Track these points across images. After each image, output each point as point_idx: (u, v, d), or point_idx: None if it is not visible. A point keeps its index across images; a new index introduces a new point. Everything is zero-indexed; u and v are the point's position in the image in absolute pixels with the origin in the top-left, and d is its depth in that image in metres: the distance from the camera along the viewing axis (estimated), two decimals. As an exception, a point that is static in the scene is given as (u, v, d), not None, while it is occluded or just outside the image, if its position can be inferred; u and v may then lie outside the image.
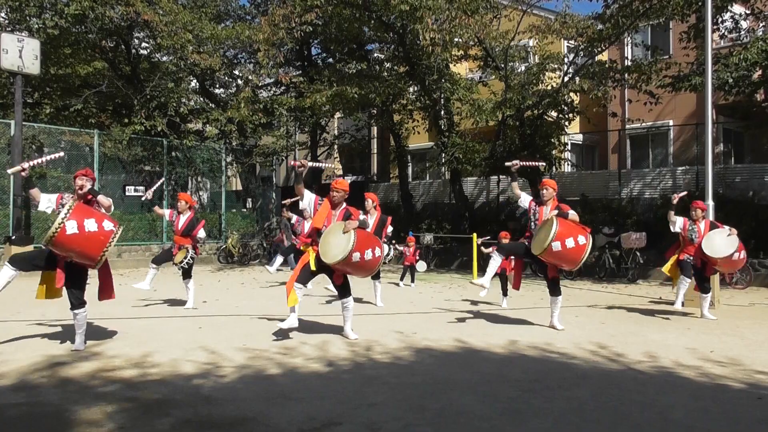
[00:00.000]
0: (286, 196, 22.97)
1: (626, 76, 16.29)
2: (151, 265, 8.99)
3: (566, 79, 16.65)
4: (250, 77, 19.06)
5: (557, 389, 4.77)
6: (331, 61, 21.26)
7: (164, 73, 17.71)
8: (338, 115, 22.18)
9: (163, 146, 18.71)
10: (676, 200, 8.64)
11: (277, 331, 6.63)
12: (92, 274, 6.27)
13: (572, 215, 7.12)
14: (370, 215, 8.73)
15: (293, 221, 11.60)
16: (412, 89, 18.77)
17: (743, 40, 15.72)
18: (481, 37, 16.07)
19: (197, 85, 20.09)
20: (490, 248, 9.93)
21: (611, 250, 14.49)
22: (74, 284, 5.89)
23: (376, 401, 4.39)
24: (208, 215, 18.62)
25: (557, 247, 6.86)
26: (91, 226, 5.54)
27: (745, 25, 16.40)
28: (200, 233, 8.72)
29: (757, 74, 14.15)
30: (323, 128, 23.54)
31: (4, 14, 16.61)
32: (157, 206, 9.30)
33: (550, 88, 16.74)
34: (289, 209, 11.57)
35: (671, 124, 19.62)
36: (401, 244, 12.74)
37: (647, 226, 15.15)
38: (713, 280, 8.83)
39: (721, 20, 15.53)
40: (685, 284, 8.41)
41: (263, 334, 6.86)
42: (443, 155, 17.91)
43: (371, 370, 5.35)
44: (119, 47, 18.73)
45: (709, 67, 10.42)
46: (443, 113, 18.02)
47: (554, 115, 17.49)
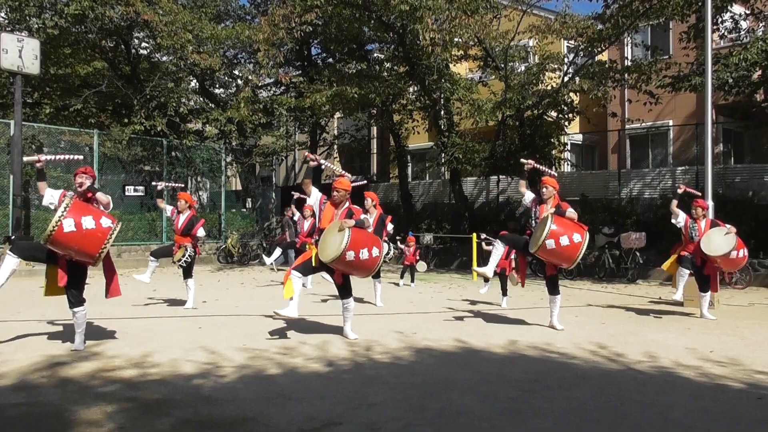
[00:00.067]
0: (285, 196, 23.01)
1: (626, 76, 16.30)
2: (150, 257, 9.08)
3: (566, 79, 16.65)
4: (250, 77, 19.05)
5: (557, 389, 4.76)
6: (331, 61, 21.26)
7: (164, 73, 17.72)
8: (338, 115, 22.18)
9: (162, 146, 18.71)
10: (682, 190, 8.66)
11: (273, 314, 6.43)
12: (93, 273, 6.28)
13: (569, 213, 7.13)
14: (369, 214, 8.77)
15: (296, 218, 11.63)
16: (412, 89, 18.77)
17: (743, 40, 15.72)
18: (481, 37, 16.07)
19: (197, 85, 20.10)
20: (490, 246, 9.94)
21: (611, 250, 14.50)
22: (74, 283, 5.88)
23: (376, 401, 4.39)
24: (207, 215, 18.61)
25: (551, 244, 6.88)
26: (88, 223, 5.53)
27: (744, 25, 16.40)
28: (200, 232, 8.74)
29: (756, 74, 14.15)
30: (323, 128, 23.54)
31: (4, 14, 16.61)
32: (160, 199, 9.39)
33: (550, 88, 16.75)
34: (295, 205, 11.60)
35: (671, 124, 19.62)
36: (402, 243, 12.75)
37: (647, 226, 15.16)
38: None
39: (721, 20, 15.53)
40: (683, 276, 8.40)
41: (263, 334, 6.86)
42: (443, 155, 17.90)
43: (371, 370, 5.35)
44: (119, 47, 18.74)
45: (709, 67, 10.43)
46: (443, 113, 18.02)
47: (554, 115, 17.49)
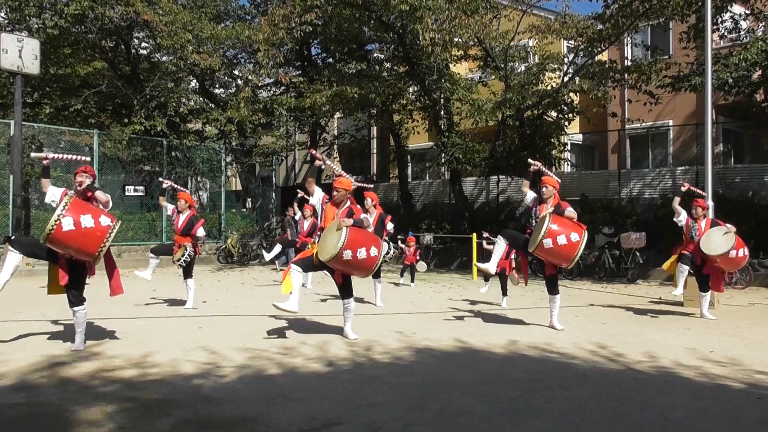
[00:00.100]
0: (285, 196, 23.05)
1: (626, 76, 16.30)
2: (150, 254, 9.19)
3: (566, 79, 16.65)
4: (249, 77, 19.05)
5: (557, 389, 4.76)
6: (331, 61, 21.25)
7: (164, 73, 17.71)
8: (338, 115, 22.17)
9: (162, 146, 18.71)
10: (686, 188, 8.66)
11: (273, 306, 6.38)
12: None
13: (568, 213, 7.14)
14: (369, 214, 8.77)
15: (296, 218, 11.65)
16: (412, 89, 18.77)
17: (743, 40, 15.72)
18: (481, 37, 16.07)
19: (197, 85, 20.09)
20: (491, 245, 9.95)
21: (611, 250, 14.50)
22: (74, 282, 5.89)
23: (376, 401, 4.39)
24: (207, 215, 18.61)
25: (549, 244, 6.90)
26: (87, 222, 5.52)
27: (744, 25, 16.40)
28: (200, 232, 8.76)
29: (756, 74, 14.15)
30: (323, 128, 23.53)
31: (3, 14, 16.60)
32: (162, 197, 9.47)
33: (549, 88, 16.75)
34: (297, 205, 11.62)
35: (671, 124, 19.62)
36: (402, 243, 12.75)
37: (647, 226, 15.16)
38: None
39: (720, 20, 15.53)
40: (682, 271, 8.38)
41: (263, 334, 6.87)
42: (443, 155, 17.90)
43: (371, 370, 5.35)
44: (119, 47, 18.73)
45: (708, 67, 10.43)
46: (443, 113, 18.01)
47: (554, 115, 17.49)
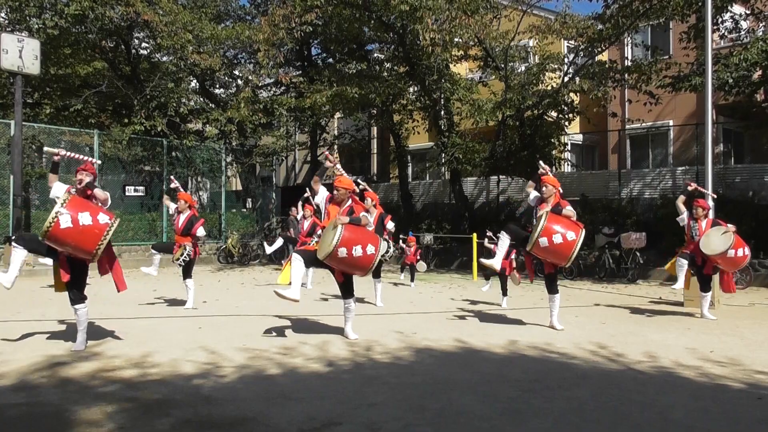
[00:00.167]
0: (285, 196, 23.08)
1: (626, 76, 16.29)
2: (152, 250, 9.42)
3: (566, 79, 16.65)
4: (250, 77, 19.05)
5: (557, 389, 4.76)
6: (331, 61, 21.25)
7: (164, 73, 17.71)
8: (338, 115, 22.17)
9: (163, 146, 18.70)
10: (692, 188, 8.67)
11: (275, 292, 6.32)
12: (93, 273, 6.28)
13: (566, 211, 7.14)
14: (369, 214, 8.76)
15: (298, 218, 11.70)
16: (412, 89, 18.76)
17: (743, 40, 15.71)
18: (481, 37, 16.07)
19: (197, 85, 20.09)
20: (492, 245, 9.98)
21: (611, 250, 14.50)
22: (75, 280, 5.89)
23: (376, 401, 4.39)
24: (208, 215, 18.61)
25: (544, 242, 6.92)
26: (85, 219, 5.52)
27: (745, 25, 16.40)
28: (200, 231, 8.77)
29: (757, 74, 14.14)
30: (323, 128, 23.54)
31: (4, 14, 16.61)
32: (166, 196, 9.56)
33: (550, 88, 16.74)
34: (301, 204, 11.66)
35: (671, 124, 19.61)
36: (403, 243, 12.76)
37: (647, 226, 15.15)
38: (713, 280, 8.82)
39: (721, 20, 15.52)
40: (682, 266, 8.36)
41: (263, 334, 6.87)
42: (443, 155, 17.90)
43: (371, 370, 5.35)
44: (119, 47, 18.73)
45: (709, 67, 10.42)
46: (443, 113, 18.01)
47: (554, 115, 17.49)
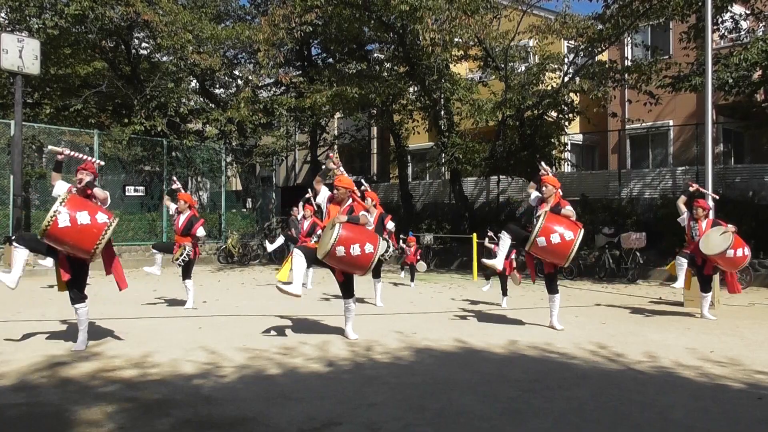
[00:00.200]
0: (285, 196, 23.08)
1: (626, 76, 16.29)
2: (153, 250, 9.53)
3: (566, 79, 16.64)
4: (250, 77, 19.05)
5: (557, 389, 4.76)
6: (331, 61, 21.26)
7: (164, 73, 17.71)
8: (338, 115, 22.17)
9: (163, 146, 18.70)
10: (694, 188, 8.68)
11: (277, 287, 6.32)
12: (93, 273, 6.28)
13: (565, 211, 7.15)
14: (369, 214, 8.76)
15: (299, 218, 11.71)
16: (412, 89, 18.76)
17: (743, 40, 15.71)
18: (481, 37, 16.06)
19: (197, 85, 20.09)
20: (492, 244, 9.99)
21: (611, 250, 14.49)
22: (75, 279, 5.90)
23: (376, 401, 4.39)
24: (208, 215, 18.62)
25: (542, 242, 6.94)
26: (83, 218, 5.51)
27: (745, 25, 16.40)
28: (199, 232, 8.77)
29: (757, 74, 14.14)
30: (323, 128, 23.54)
31: (4, 14, 16.61)
32: (167, 197, 9.61)
33: (550, 88, 16.74)
34: (302, 204, 11.68)
35: (671, 124, 19.61)
36: (403, 243, 12.76)
37: (647, 226, 15.15)
38: (714, 280, 8.83)
39: (721, 20, 15.52)
40: (681, 265, 8.36)
41: (263, 334, 6.87)
42: (443, 155, 17.90)
43: (371, 370, 5.35)
44: (119, 47, 18.73)
45: (709, 67, 10.41)
46: (443, 113, 18.01)
47: (554, 115, 17.48)
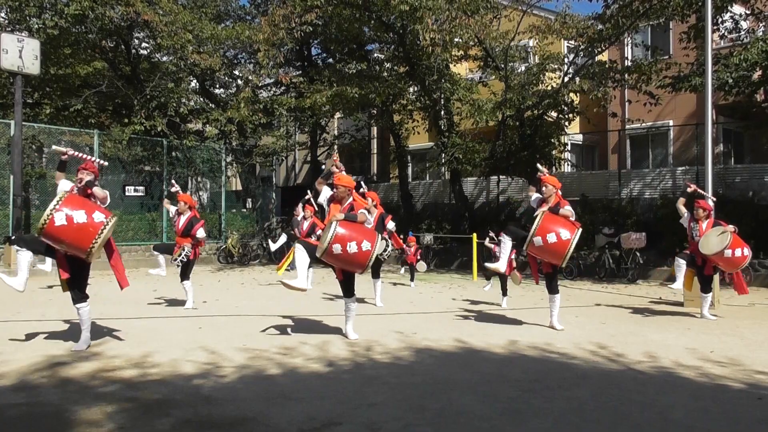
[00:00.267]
0: (286, 196, 23.08)
1: (626, 76, 16.28)
2: (154, 252, 9.58)
3: (566, 79, 16.64)
4: (250, 77, 19.05)
5: (557, 389, 4.76)
6: (331, 61, 21.25)
7: (164, 73, 17.71)
8: (338, 115, 22.17)
9: (163, 146, 18.70)
10: (692, 189, 8.68)
11: (281, 282, 6.35)
12: (93, 274, 6.28)
13: (563, 211, 7.16)
14: (370, 213, 8.76)
15: (299, 218, 11.72)
16: (412, 89, 18.76)
17: (743, 40, 15.71)
18: (481, 37, 16.06)
19: (197, 85, 20.08)
20: (492, 244, 10.00)
21: (611, 250, 14.49)
22: (75, 279, 5.89)
23: (376, 401, 4.39)
24: (208, 215, 18.61)
25: (539, 242, 6.96)
26: (80, 217, 5.51)
27: (745, 25, 16.39)
28: (199, 233, 8.77)
29: (757, 74, 14.14)
30: (323, 128, 23.53)
31: (4, 14, 16.61)
32: (166, 200, 9.63)
33: (550, 88, 16.74)
34: (302, 205, 11.68)
35: (671, 124, 19.61)
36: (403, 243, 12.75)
37: (647, 226, 15.15)
38: (714, 280, 8.82)
39: (721, 20, 15.52)
40: (680, 266, 8.37)
41: (263, 334, 6.87)
42: (443, 155, 17.90)
43: (371, 370, 5.35)
44: (119, 47, 18.72)
45: (709, 67, 10.41)
46: (443, 113, 18.01)
47: (554, 115, 17.48)
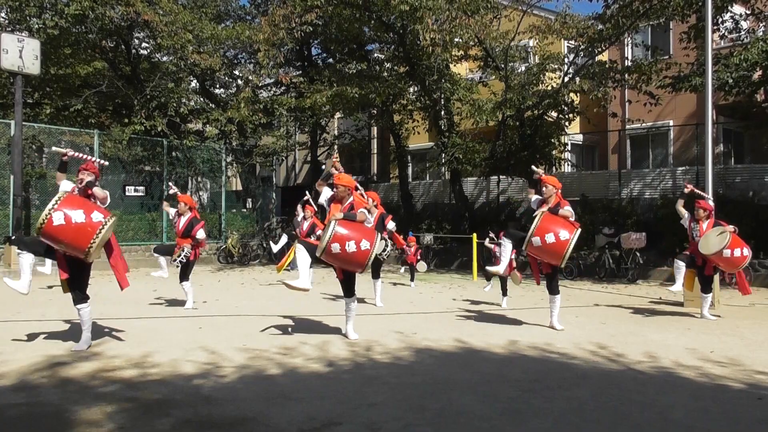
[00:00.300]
0: (286, 196, 23.07)
1: (626, 76, 16.28)
2: (154, 254, 9.59)
3: (566, 79, 16.64)
4: (250, 77, 19.06)
5: (557, 389, 4.76)
6: (331, 61, 21.26)
7: (164, 73, 17.71)
8: (338, 115, 22.17)
9: (163, 146, 18.70)
10: (688, 190, 8.68)
11: (283, 283, 6.32)
12: (93, 274, 6.28)
13: (563, 211, 7.15)
14: (370, 213, 8.76)
15: (299, 219, 11.72)
16: (412, 89, 18.76)
17: (743, 40, 15.71)
18: (481, 37, 16.07)
19: (197, 85, 20.09)
20: (492, 244, 10.00)
21: (611, 250, 14.49)
22: (75, 279, 5.89)
23: (376, 401, 4.39)
24: (208, 215, 18.62)
25: (537, 242, 6.97)
26: (78, 217, 5.50)
27: (745, 25, 16.39)
28: (199, 234, 8.77)
29: (757, 74, 14.13)
30: (323, 128, 23.53)
31: (4, 14, 16.61)
32: (166, 202, 9.62)
33: (550, 88, 16.73)
34: (302, 206, 11.68)
35: (671, 124, 19.61)
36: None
37: (647, 226, 15.15)
38: (714, 280, 8.82)
39: (721, 20, 15.52)
40: (679, 268, 8.36)
41: (263, 334, 6.87)
42: (443, 155, 17.90)
43: (371, 370, 5.35)
44: (119, 47, 18.73)
45: (709, 67, 10.41)
46: (443, 113, 18.01)
47: (554, 115, 17.48)
